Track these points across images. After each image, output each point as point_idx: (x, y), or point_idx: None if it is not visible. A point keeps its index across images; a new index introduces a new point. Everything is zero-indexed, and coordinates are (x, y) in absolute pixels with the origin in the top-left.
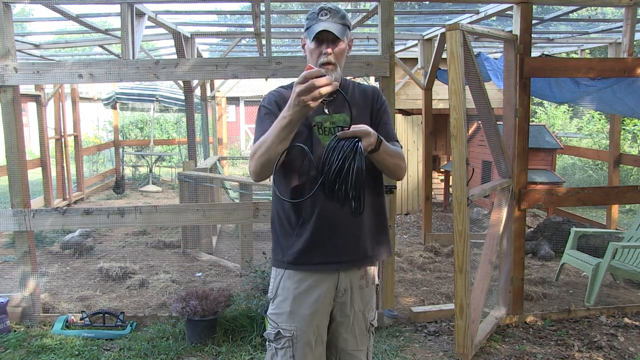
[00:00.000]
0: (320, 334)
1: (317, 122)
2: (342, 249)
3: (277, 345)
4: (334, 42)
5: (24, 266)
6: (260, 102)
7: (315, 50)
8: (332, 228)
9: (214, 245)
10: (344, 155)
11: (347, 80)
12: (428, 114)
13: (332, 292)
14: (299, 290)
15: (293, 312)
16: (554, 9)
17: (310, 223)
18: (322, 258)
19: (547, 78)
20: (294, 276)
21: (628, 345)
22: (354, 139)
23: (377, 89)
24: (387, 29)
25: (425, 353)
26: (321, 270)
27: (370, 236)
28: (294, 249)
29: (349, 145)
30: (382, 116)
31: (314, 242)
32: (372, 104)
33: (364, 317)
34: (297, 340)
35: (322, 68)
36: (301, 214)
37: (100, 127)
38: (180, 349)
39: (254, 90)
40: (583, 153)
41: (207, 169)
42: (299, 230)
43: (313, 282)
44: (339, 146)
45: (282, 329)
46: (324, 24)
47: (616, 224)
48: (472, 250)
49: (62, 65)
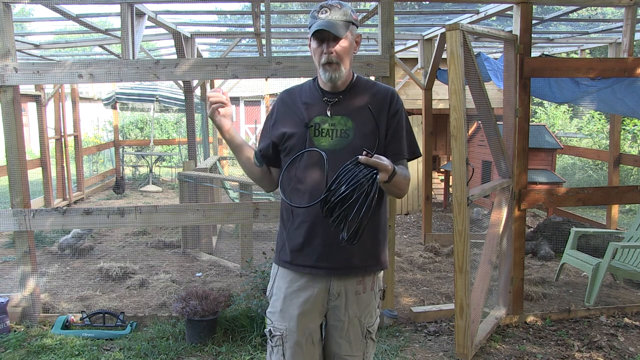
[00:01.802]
0: (312, 335)
1: (315, 123)
2: (333, 256)
3: (272, 343)
4: (335, 41)
5: (24, 266)
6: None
7: (317, 50)
8: (322, 234)
9: (214, 245)
10: (356, 183)
11: (361, 79)
12: (428, 114)
13: (324, 295)
14: (290, 290)
15: (283, 311)
16: (554, 9)
17: (305, 226)
18: (313, 262)
19: (547, 78)
20: (287, 276)
21: (628, 345)
22: (373, 170)
23: (391, 90)
24: (387, 29)
25: (425, 353)
26: (311, 272)
27: (361, 246)
28: (287, 248)
29: (366, 174)
30: (395, 127)
31: (306, 245)
32: (384, 109)
33: (360, 323)
34: (287, 340)
35: (325, 67)
36: (298, 216)
37: (100, 127)
38: (180, 349)
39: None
40: (583, 153)
41: (207, 169)
42: (294, 231)
43: (304, 284)
44: (355, 171)
45: (273, 327)
46: (322, 22)
47: (616, 224)
48: (472, 250)
49: (62, 65)
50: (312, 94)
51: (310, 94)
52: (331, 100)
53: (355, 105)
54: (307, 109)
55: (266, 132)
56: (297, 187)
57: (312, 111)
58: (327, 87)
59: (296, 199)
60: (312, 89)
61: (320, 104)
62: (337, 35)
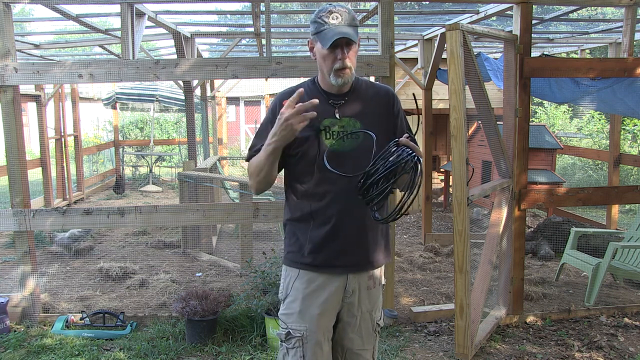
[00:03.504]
0: (329, 333)
1: (325, 126)
2: (352, 253)
3: (288, 345)
4: (348, 46)
5: (24, 266)
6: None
7: (329, 56)
8: (344, 233)
9: (214, 245)
10: (399, 161)
11: (360, 80)
12: (428, 114)
13: (340, 293)
14: (308, 290)
15: (302, 312)
16: (554, 9)
17: (327, 226)
18: (332, 260)
19: (547, 78)
20: (304, 276)
21: (628, 345)
22: (411, 152)
23: (392, 90)
24: (387, 29)
25: (425, 353)
26: (330, 271)
27: (376, 241)
28: (306, 250)
29: (410, 153)
30: (400, 126)
31: (327, 244)
32: (388, 109)
33: (371, 317)
34: (307, 341)
35: (339, 72)
36: (318, 216)
37: (100, 127)
38: (180, 349)
39: (254, 90)
40: (583, 153)
41: (207, 169)
42: (313, 232)
43: (322, 283)
44: (398, 151)
45: (292, 329)
46: (339, 28)
47: (616, 224)
48: (472, 250)
49: (62, 65)
50: (315, 96)
51: (314, 97)
52: (337, 103)
53: (360, 106)
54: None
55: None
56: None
57: (320, 114)
58: (333, 89)
59: (316, 203)
60: (314, 92)
61: (327, 107)
62: (353, 41)
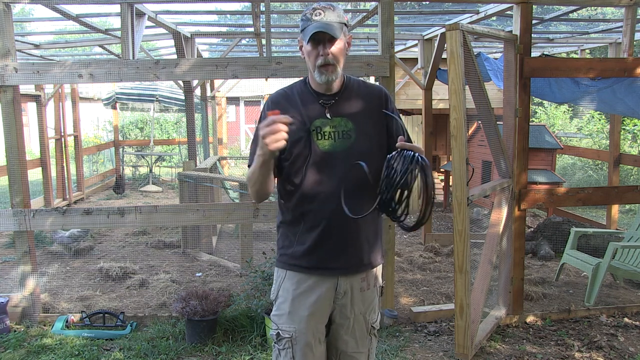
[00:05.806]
0: (320, 334)
1: (316, 127)
2: (345, 255)
3: (279, 346)
4: (330, 42)
5: (23, 266)
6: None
7: (312, 52)
8: (335, 235)
9: (214, 245)
10: (407, 169)
11: (352, 79)
12: (428, 114)
13: (331, 294)
14: (298, 291)
15: (292, 313)
16: (554, 9)
17: (318, 229)
18: (324, 262)
19: (547, 78)
20: (294, 277)
21: (628, 345)
22: (414, 153)
23: (384, 90)
24: (387, 29)
25: (425, 353)
26: (320, 273)
27: (368, 243)
28: (296, 252)
29: (413, 156)
30: (396, 125)
31: (318, 247)
32: (380, 108)
33: (365, 320)
34: (297, 342)
35: (322, 69)
36: (309, 219)
37: (100, 127)
38: (180, 349)
39: (254, 90)
40: (583, 153)
41: (207, 169)
42: (304, 234)
43: (312, 284)
44: (400, 159)
45: (282, 330)
46: (319, 24)
47: (616, 224)
48: (472, 250)
49: (62, 65)
50: (306, 96)
51: (304, 97)
52: (328, 103)
53: (352, 105)
54: (305, 112)
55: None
56: (306, 193)
57: (311, 114)
58: (322, 89)
59: (307, 205)
60: (305, 92)
61: (317, 107)
62: (333, 36)
